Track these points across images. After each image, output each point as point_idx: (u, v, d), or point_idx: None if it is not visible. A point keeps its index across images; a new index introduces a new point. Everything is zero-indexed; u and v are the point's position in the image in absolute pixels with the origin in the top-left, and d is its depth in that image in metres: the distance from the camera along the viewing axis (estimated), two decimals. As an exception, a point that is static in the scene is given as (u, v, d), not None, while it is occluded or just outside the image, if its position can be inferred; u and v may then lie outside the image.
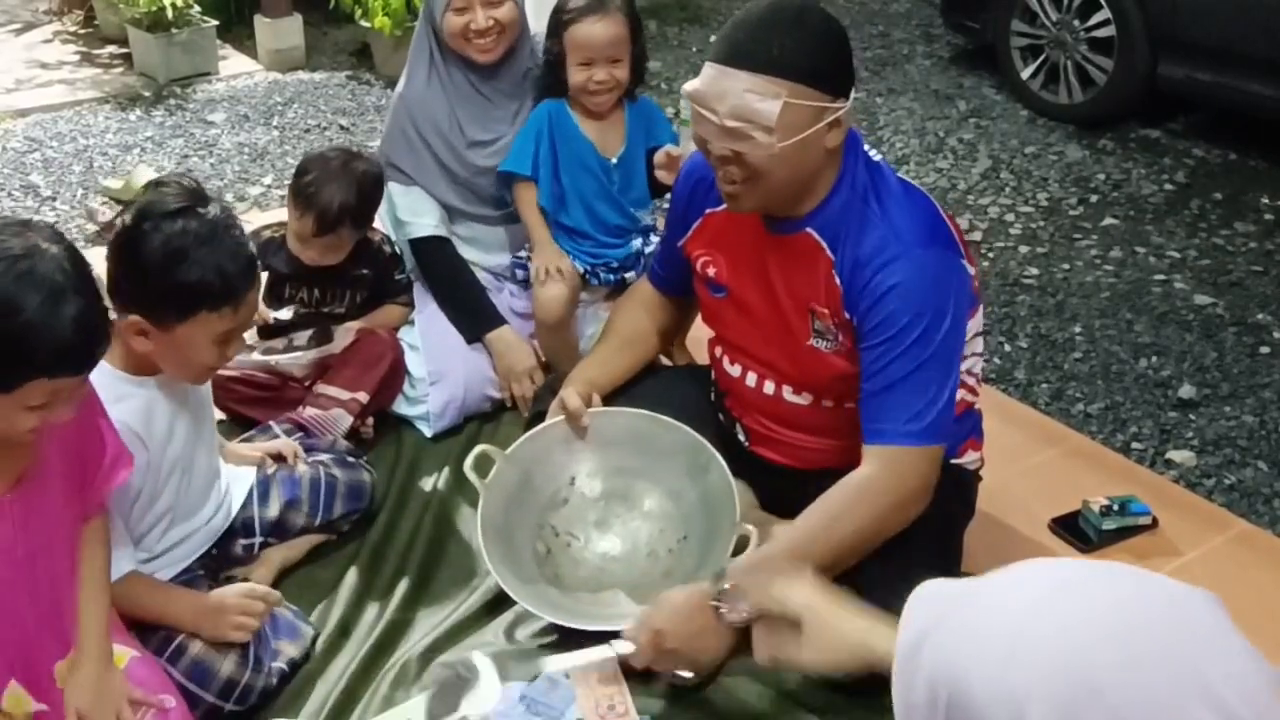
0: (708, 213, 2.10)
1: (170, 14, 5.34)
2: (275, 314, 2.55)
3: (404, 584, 2.20)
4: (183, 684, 1.84)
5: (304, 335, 2.60)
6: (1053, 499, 2.45)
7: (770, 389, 2.08)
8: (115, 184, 4.22)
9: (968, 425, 2.12)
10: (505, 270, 2.84)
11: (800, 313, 1.97)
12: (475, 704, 1.80)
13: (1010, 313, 3.76)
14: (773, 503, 2.19)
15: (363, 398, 2.52)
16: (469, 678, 1.82)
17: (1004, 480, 2.38)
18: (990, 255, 4.13)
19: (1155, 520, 2.41)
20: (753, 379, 2.10)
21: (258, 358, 2.58)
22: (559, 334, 2.68)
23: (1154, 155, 4.91)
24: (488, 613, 2.14)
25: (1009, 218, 4.41)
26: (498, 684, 1.83)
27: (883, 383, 1.86)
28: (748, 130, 1.79)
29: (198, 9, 5.52)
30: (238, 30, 5.98)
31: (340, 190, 2.43)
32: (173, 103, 5.27)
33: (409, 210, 2.72)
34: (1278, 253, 4.15)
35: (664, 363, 2.71)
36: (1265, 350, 3.58)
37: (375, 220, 2.71)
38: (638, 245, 2.78)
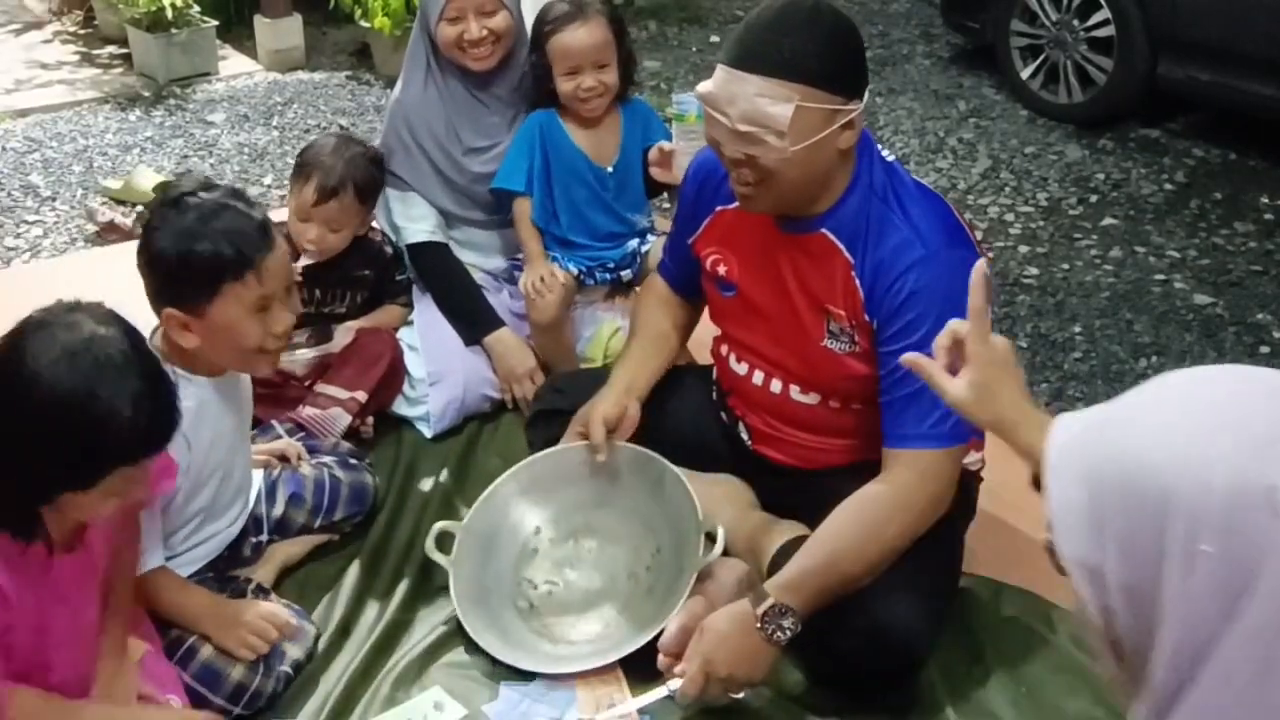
0: (718, 210, 2.09)
1: (170, 14, 5.34)
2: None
3: (404, 584, 2.19)
4: (192, 687, 1.84)
5: (304, 335, 2.60)
6: (1053, 499, 2.44)
7: (778, 388, 2.07)
8: (115, 184, 4.22)
9: (969, 425, 2.12)
10: (504, 272, 2.84)
11: (814, 313, 1.96)
12: None
13: (1010, 313, 3.76)
14: (774, 502, 2.19)
15: (361, 397, 2.52)
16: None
17: (1004, 480, 2.36)
18: (990, 255, 4.13)
19: (1155, 520, 2.40)
20: (760, 377, 2.09)
21: (257, 357, 2.58)
22: (553, 335, 2.67)
23: (1154, 155, 4.91)
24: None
25: (1009, 218, 4.41)
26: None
27: (909, 386, 1.82)
28: (760, 135, 1.78)
29: (198, 9, 5.52)
30: (237, 30, 5.98)
31: (340, 158, 2.52)
32: (172, 103, 5.27)
33: (405, 216, 2.72)
34: (1278, 253, 4.15)
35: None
36: (1265, 350, 3.58)
37: (373, 221, 2.72)
38: (634, 246, 2.78)
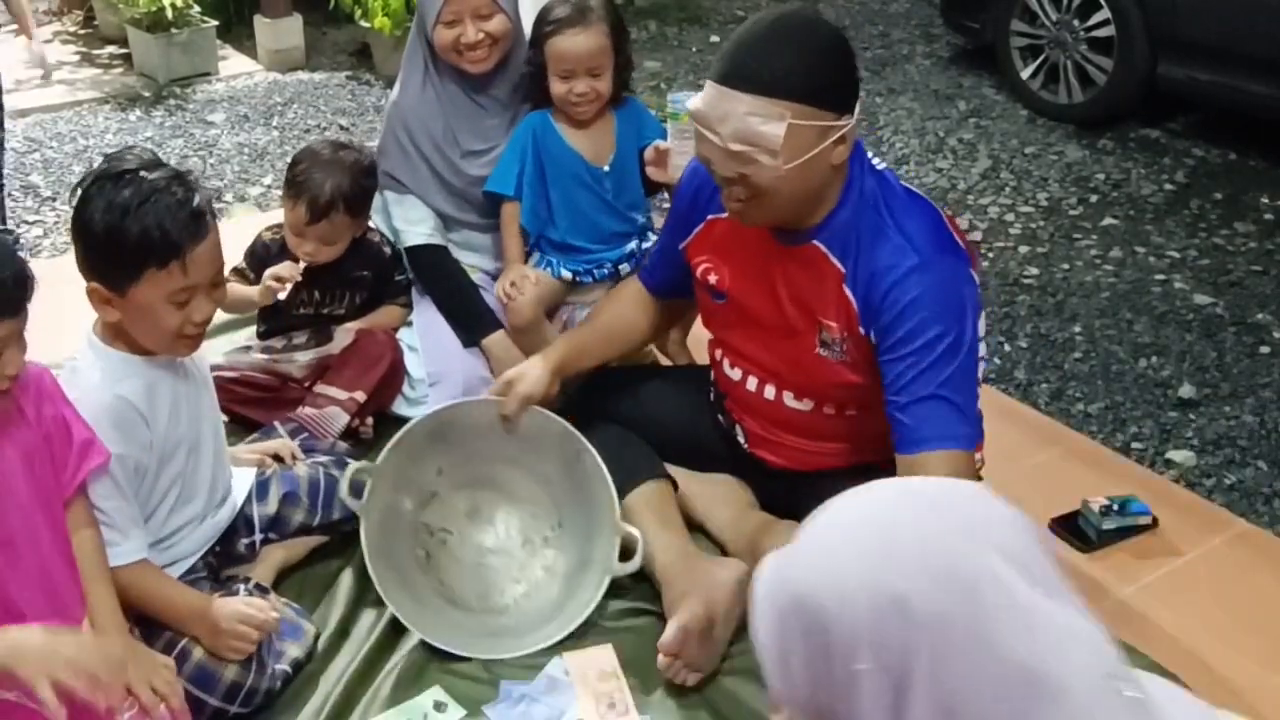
0: (710, 218, 2.08)
1: (170, 14, 5.34)
2: (278, 293, 2.50)
3: (404, 584, 2.19)
4: (187, 688, 1.83)
5: (303, 335, 2.61)
6: (1052, 499, 2.45)
7: (770, 394, 2.07)
8: (115, 184, 4.22)
9: (980, 428, 2.12)
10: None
11: (806, 322, 1.96)
12: None
13: (1010, 313, 3.76)
14: (771, 503, 2.19)
15: (360, 397, 2.51)
16: None
17: (1004, 480, 2.36)
18: (990, 255, 4.13)
19: (1155, 520, 2.41)
20: (753, 383, 2.09)
21: (256, 358, 2.58)
22: (530, 337, 2.62)
23: (1154, 155, 4.91)
24: (487, 613, 2.13)
25: (1009, 218, 4.41)
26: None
27: (919, 393, 1.82)
28: (752, 154, 1.76)
29: (198, 9, 5.52)
30: (237, 30, 5.99)
31: (330, 176, 2.48)
32: (172, 103, 5.27)
33: (404, 219, 2.71)
34: (1278, 253, 4.15)
35: (664, 362, 2.71)
36: (1265, 350, 3.58)
37: (372, 222, 2.71)
38: (633, 245, 2.77)
